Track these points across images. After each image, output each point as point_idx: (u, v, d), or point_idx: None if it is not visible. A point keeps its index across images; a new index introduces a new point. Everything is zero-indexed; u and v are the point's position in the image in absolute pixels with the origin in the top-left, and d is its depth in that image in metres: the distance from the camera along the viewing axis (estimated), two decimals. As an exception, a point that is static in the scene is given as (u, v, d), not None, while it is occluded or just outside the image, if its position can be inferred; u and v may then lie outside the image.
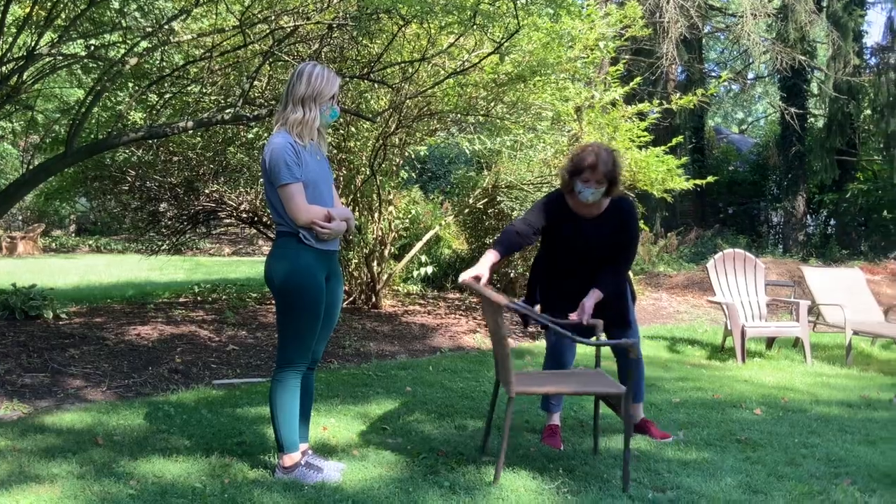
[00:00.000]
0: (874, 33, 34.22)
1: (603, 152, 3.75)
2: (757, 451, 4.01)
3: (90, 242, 22.21)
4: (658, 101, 8.53)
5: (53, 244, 21.91)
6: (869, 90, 16.12)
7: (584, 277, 3.91)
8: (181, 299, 9.28)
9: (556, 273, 4.04)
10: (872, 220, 16.94)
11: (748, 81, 24.27)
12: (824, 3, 16.26)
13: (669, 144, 8.73)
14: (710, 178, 9.26)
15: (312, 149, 3.37)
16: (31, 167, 6.58)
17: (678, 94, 8.15)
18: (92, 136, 7.30)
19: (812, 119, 18.97)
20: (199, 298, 9.35)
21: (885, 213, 16.41)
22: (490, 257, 3.77)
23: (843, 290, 7.59)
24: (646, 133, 8.33)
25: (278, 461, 3.42)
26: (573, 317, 3.77)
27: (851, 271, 8.10)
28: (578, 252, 3.91)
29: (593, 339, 3.80)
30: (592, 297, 3.80)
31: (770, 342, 7.59)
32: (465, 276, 3.66)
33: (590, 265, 3.93)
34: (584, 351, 4.08)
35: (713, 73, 20.62)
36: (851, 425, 4.59)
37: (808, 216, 18.42)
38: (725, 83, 20.06)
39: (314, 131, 3.36)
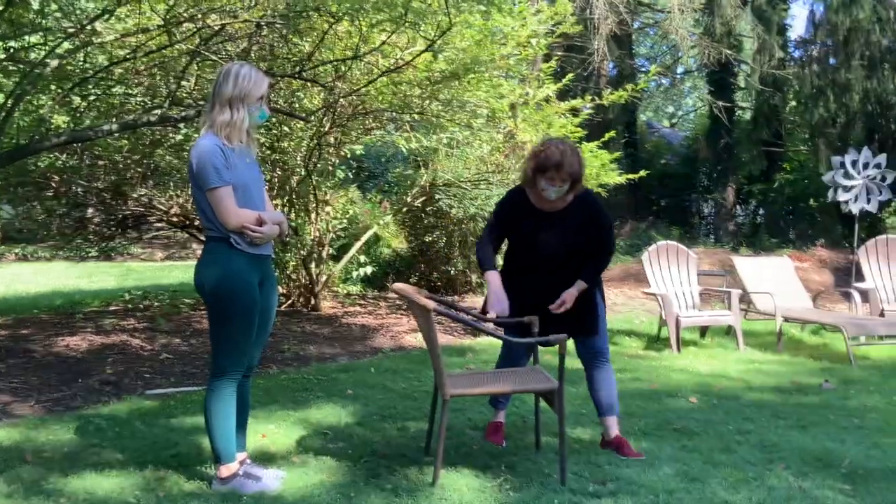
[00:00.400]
0: (798, 27, 35.31)
1: (568, 150, 3.71)
2: (693, 439, 4.08)
3: (16, 251, 21.43)
4: (590, 97, 8.63)
5: (-23, 254, 21.11)
6: (794, 82, 16.62)
7: (550, 272, 3.83)
8: (112, 307, 9.03)
9: (520, 269, 3.93)
10: (799, 209, 17.49)
11: (677, 76, 24.82)
12: (749, -2, 16.70)
13: (602, 139, 8.85)
14: (643, 172, 9.44)
15: (242, 151, 3.29)
16: (-53, 175, 6.31)
17: (610, 90, 8.27)
18: (14, 141, 7.03)
19: (740, 112, 19.49)
20: (130, 306, 9.11)
21: (811, 201, 16.96)
22: (496, 279, 3.79)
23: (773, 278, 7.80)
24: (579, 129, 8.43)
25: (215, 472, 3.34)
26: (553, 308, 3.73)
27: (780, 259, 8.33)
28: (541, 247, 3.83)
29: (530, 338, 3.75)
30: (575, 288, 3.75)
31: (704, 331, 7.76)
32: (494, 312, 3.71)
33: (557, 260, 3.83)
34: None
35: (643, 69, 21.00)
36: (784, 411, 4.72)
37: (738, 206, 18.92)
38: (655, 78, 20.45)
39: (243, 133, 3.28)
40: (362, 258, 10.09)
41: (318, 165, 8.25)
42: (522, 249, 3.92)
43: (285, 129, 7.79)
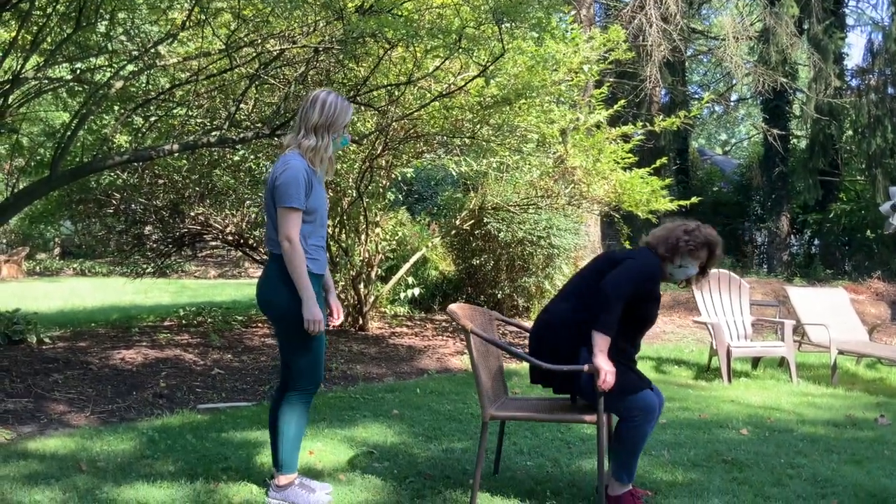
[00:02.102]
0: (855, 55, 34.70)
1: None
2: (743, 471, 4.01)
3: (74, 266, 22.07)
4: (642, 123, 8.60)
5: (37, 268, 21.76)
6: (850, 111, 16.33)
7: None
8: (166, 323, 9.23)
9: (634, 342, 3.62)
10: (856, 240, 17.09)
11: (731, 103, 24.56)
12: (805, 26, 16.49)
13: (654, 166, 8.80)
14: (695, 199, 9.33)
15: (320, 175, 3.42)
16: (15, 191, 6.55)
17: (662, 117, 8.23)
18: (77, 159, 7.29)
19: (794, 140, 19.18)
20: (184, 322, 9.30)
21: (868, 232, 16.56)
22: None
23: (828, 310, 7.64)
24: (630, 155, 8.40)
25: (273, 480, 3.41)
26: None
27: (835, 291, 8.16)
28: (652, 320, 3.62)
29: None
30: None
31: (756, 362, 7.61)
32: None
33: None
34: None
35: (696, 96, 20.85)
36: (837, 445, 4.61)
37: (792, 236, 18.56)
38: (708, 105, 20.29)
39: (325, 160, 3.40)
40: (410, 280, 10.15)
41: (370, 187, 8.35)
42: (642, 322, 3.58)
43: (338, 151, 7.91)
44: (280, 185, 3.24)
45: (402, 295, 10.33)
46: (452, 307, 3.51)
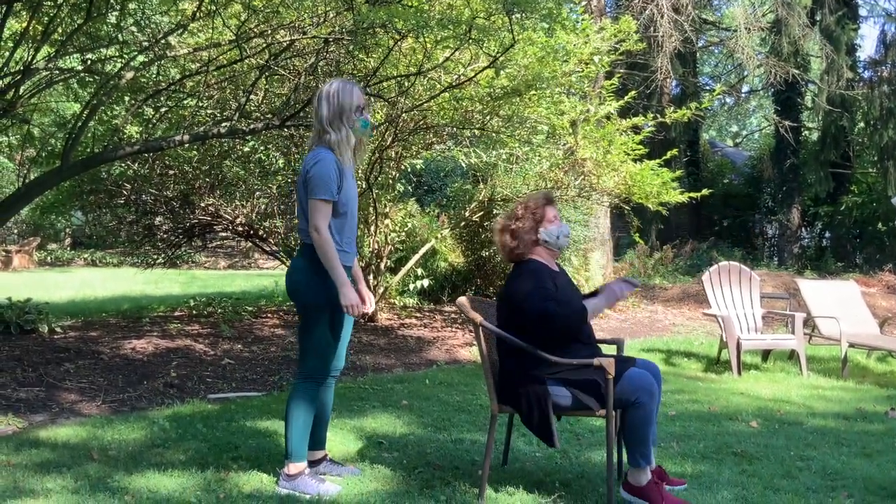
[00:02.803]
0: (867, 47, 34.41)
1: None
2: (753, 463, 4.01)
3: (85, 256, 22.16)
4: (653, 115, 8.55)
5: (49, 258, 21.86)
6: (862, 103, 16.22)
7: None
8: (176, 313, 9.26)
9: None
10: (867, 233, 17.01)
11: (742, 95, 24.43)
12: (817, 17, 16.38)
13: (664, 157, 8.76)
14: (705, 191, 9.29)
15: (350, 167, 3.47)
16: (26, 181, 6.58)
17: (672, 108, 8.19)
18: (88, 149, 7.31)
19: (806, 132, 19.08)
20: (194, 312, 9.33)
21: (879, 225, 16.48)
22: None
23: (839, 303, 7.60)
24: (641, 146, 8.36)
25: (283, 469, 3.45)
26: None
27: (846, 283, 8.12)
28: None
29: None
30: None
31: (766, 354, 7.59)
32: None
33: None
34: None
35: (707, 87, 20.73)
36: (848, 438, 4.60)
37: (803, 228, 18.48)
38: (720, 97, 20.15)
39: (350, 149, 3.44)
40: (419, 271, 10.16)
41: (379, 179, 8.35)
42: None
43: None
44: (311, 178, 3.30)
45: (412, 286, 10.34)
46: (461, 300, 3.52)
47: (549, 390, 3.28)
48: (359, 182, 8.28)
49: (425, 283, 10.21)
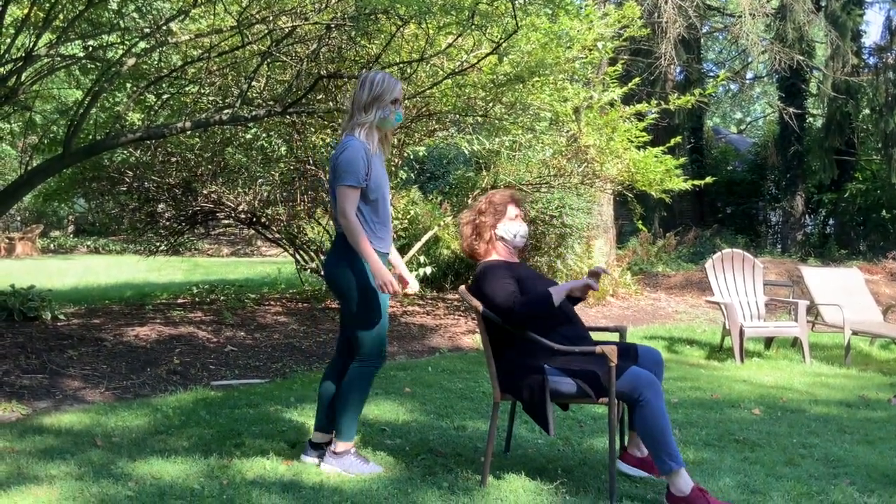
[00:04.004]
0: (873, 33, 34.25)
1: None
2: (755, 451, 4.01)
3: (88, 243, 22.20)
4: (656, 102, 8.52)
5: (52, 245, 21.90)
6: (867, 90, 16.15)
7: None
8: (179, 300, 9.28)
9: None
10: (871, 220, 16.97)
11: (746, 81, 24.33)
12: (823, 3, 16.28)
13: (668, 145, 8.73)
14: (709, 179, 9.25)
15: (379, 154, 3.52)
16: (29, 168, 6.57)
17: (676, 95, 8.14)
18: (90, 136, 7.30)
19: (811, 119, 19.00)
20: (197, 299, 9.34)
21: (883, 212, 16.44)
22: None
23: (842, 290, 7.59)
24: (644, 133, 8.33)
25: (331, 446, 3.54)
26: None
27: (850, 271, 8.10)
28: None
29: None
30: None
31: (768, 342, 7.59)
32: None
33: None
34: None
35: (711, 73, 20.64)
36: (850, 425, 4.60)
37: (807, 216, 18.44)
38: (724, 83, 20.09)
39: (378, 135, 3.51)
40: (422, 259, 10.15)
41: (382, 166, 8.31)
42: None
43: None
44: (339, 164, 3.37)
45: (414, 273, 10.33)
46: (464, 288, 3.51)
47: (548, 378, 3.28)
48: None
49: (428, 270, 10.21)
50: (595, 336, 3.59)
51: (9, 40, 6.17)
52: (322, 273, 3.64)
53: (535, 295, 3.39)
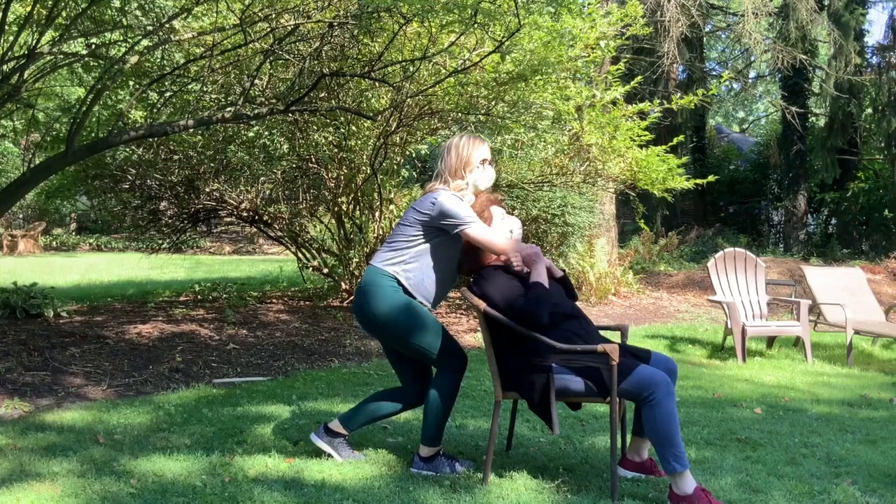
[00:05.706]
0: (876, 32, 34.22)
1: None
2: (757, 450, 4.01)
3: (91, 241, 22.23)
4: (659, 101, 8.51)
5: (54, 242, 21.93)
6: (870, 89, 16.12)
7: None
8: (182, 298, 9.29)
9: None
10: (873, 220, 16.95)
11: (749, 80, 24.29)
12: (826, 2, 16.25)
13: (670, 144, 8.73)
14: (711, 178, 9.26)
15: None
16: (32, 166, 6.58)
17: (679, 94, 8.14)
18: (93, 134, 7.30)
19: (813, 118, 18.98)
20: (199, 297, 9.35)
21: (886, 212, 16.41)
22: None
23: (844, 290, 7.58)
24: (646, 132, 8.33)
25: (417, 451, 3.57)
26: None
27: (852, 270, 8.10)
28: None
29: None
30: None
31: (770, 341, 7.59)
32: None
33: None
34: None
35: (714, 72, 20.62)
36: (852, 425, 4.59)
37: (809, 215, 18.42)
38: (727, 82, 20.07)
39: (471, 195, 3.59)
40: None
41: (384, 164, 8.33)
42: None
43: (353, 128, 7.89)
44: (446, 213, 3.39)
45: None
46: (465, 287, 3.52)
47: (554, 376, 3.27)
48: (363, 168, 8.26)
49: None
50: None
51: (12, 38, 6.18)
52: (358, 323, 3.59)
53: (534, 294, 3.37)
